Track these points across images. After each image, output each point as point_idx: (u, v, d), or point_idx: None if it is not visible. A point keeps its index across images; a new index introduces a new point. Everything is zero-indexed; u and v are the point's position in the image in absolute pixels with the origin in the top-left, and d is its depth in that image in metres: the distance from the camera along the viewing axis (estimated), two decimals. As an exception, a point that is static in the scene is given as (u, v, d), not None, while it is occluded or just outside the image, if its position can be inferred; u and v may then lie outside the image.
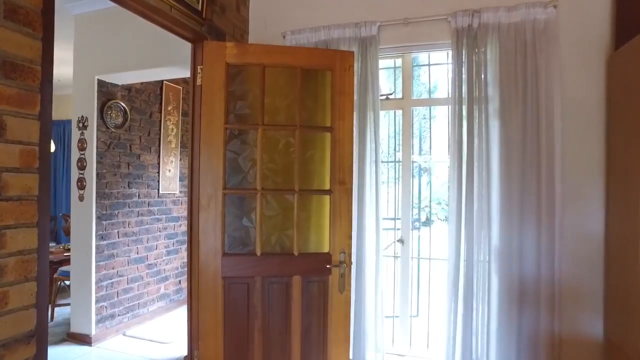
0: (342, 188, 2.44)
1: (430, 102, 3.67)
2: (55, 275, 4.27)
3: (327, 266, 2.41)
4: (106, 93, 3.83)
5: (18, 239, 1.43)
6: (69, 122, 7.37)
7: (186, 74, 3.33)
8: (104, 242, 3.81)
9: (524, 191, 2.39)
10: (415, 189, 3.80)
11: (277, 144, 2.54)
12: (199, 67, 2.55)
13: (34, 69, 1.49)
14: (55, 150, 7.07)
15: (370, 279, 2.77)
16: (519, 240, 2.37)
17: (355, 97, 2.63)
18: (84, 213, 3.71)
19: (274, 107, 2.51)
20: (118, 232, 3.97)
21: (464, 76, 2.54)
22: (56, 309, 4.35)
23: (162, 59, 3.48)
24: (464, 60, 2.54)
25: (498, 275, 2.45)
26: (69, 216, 5.53)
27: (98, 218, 3.73)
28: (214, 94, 2.41)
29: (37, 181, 1.52)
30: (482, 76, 2.53)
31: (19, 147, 1.44)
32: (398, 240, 2.90)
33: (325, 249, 2.46)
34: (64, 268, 4.28)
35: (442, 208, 11.46)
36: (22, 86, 1.44)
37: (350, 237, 2.45)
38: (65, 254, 5.14)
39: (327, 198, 2.46)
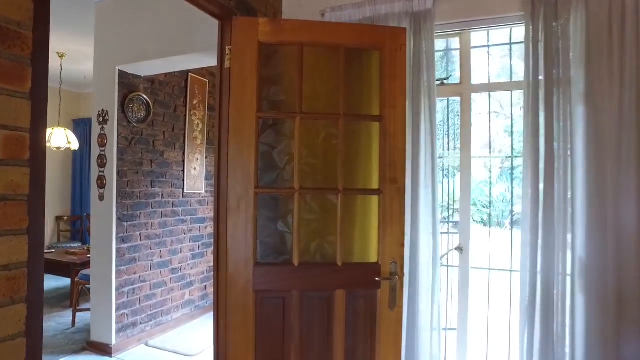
0: (393, 187, 2.06)
1: (494, 87, 3.14)
2: (76, 279, 4.04)
3: (376, 279, 2.04)
4: (128, 85, 3.56)
5: (1, 250, 1.12)
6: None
7: (212, 62, 3.02)
8: (125, 245, 3.54)
9: (619, 192, 1.95)
10: (447, 189, 3.38)
11: (317, 135, 2.18)
12: (227, 47, 2.22)
13: (23, 34, 1.17)
14: (80, 148, 6.93)
15: (425, 292, 2.38)
16: (615, 251, 1.93)
17: (407, 81, 2.25)
18: (104, 213, 3.45)
19: (314, 92, 2.16)
20: (140, 234, 3.70)
21: (540, 54, 2.12)
22: (77, 314, 4.11)
23: (186, 46, 3.17)
24: (540, 34, 2.11)
25: (585, 293, 2.01)
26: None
27: (119, 219, 3.47)
28: (245, 78, 2.08)
29: (27, 177, 1.20)
30: (563, 53, 2.10)
31: (3, 132, 1.12)
32: (456, 249, 2.49)
33: (373, 259, 2.09)
34: (85, 271, 4.04)
35: (478, 209, 10.91)
36: (5, 55, 1.13)
37: (402, 245, 2.07)
38: (88, 256, 4.93)
39: (375, 199, 2.09)
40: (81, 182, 7.09)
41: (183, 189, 4.21)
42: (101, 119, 3.47)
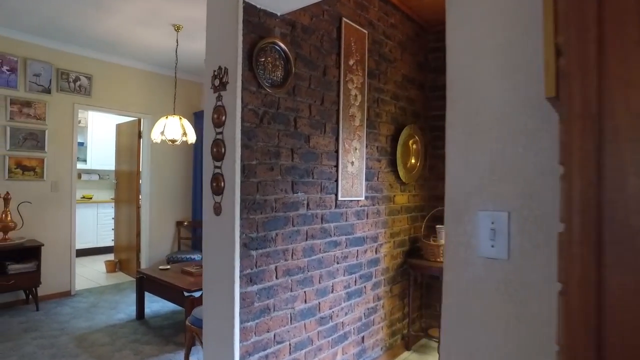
0: None
1: None
2: (187, 322, 2.81)
3: None
4: (257, 27, 2.18)
5: None
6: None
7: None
8: (254, 288, 2.17)
9: None
10: None
11: None
12: None
13: None
14: (201, 141, 6.01)
15: None
16: None
17: None
18: (220, 236, 2.11)
19: None
20: (276, 268, 2.30)
21: None
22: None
23: None
24: None
25: None
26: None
27: (244, 245, 2.10)
28: None
29: None
30: None
31: None
32: None
33: None
34: (198, 311, 2.79)
35: None
36: None
37: None
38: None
39: None
40: (201, 182, 6.19)
41: (336, 195, 2.73)
42: (217, 82, 2.14)
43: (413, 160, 3.58)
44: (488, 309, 1.26)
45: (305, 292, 2.50)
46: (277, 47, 2.28)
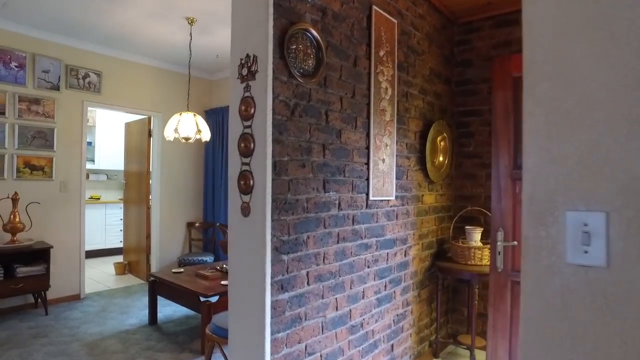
0: None
1: None
2: (207, 331, 2.64)
3: None
4: (288, 12, 2.00)
5: None
6: (228, 108, 6.15)
7: None
8: (286, 296, 1.99)
9: None
10: None
11: None
12: None
13: None
14: (212, 141, 5.86)
15: None
16: None
17: None
18: (249, 240, 1.93)
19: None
20: (308, 273, 2.13)
21: None
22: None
23: None
24: None
25: None
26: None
27: (275, 249, 1.92)
28: None
29: None
30: None
31: None
32: None
33: None
34: (220, 321, 2.62)
35: None
36: None
37: None
38: (223, 282, 3.62)
39: None
40: (213, 182, 6.03)
41: (367, 194, 2.55)
42: (244, 71, 1.97)
43: (441, 158, 3.40)
44: (582, 327, 1.07)
45: (336, 298, 2.33)
46: (308, 34, 2.10)
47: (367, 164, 2.54)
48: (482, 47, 3.62)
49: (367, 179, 2.54)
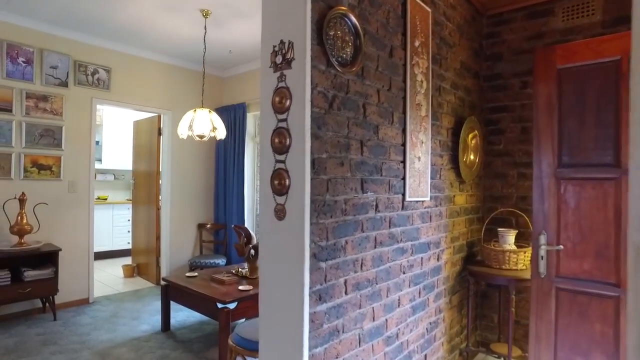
0: None
1: None
2: (229, 341, 2.46)
3: None
4: (325, -6, 1.82)
5: None
6: (240, 106, 5.95)
7: None
8: (323, 307, 1.81)
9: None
10: None
11: None
12: None
13: None
14: (226, 138, 5.67)
15: None
16: None
17: None
18: (284, 245, 1.75)
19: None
20: (346, 281, 1.94)
21: None
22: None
23: None
24: None
25: None
26: (243, 229, 3.86)
27: (313, 256, 1.74)
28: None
29: None
30: None
31: None
32: None
33: None
34: (244, 330, 2.43)
35: None
36: None
37: None
38: (241, 288, 3.45)
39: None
40: (225, 182, 5.85)
41: (404, 195, 2.37)
42: (279, 59, 1.79)
43: (472, 157, 3.21)
44: None
45: (373, 308, 2.14)
46: (347, 19, 1.92)
47: (404, 162, 2.35)
48: (513, 39, 3.43)
49: (404, 179, 2.35)
